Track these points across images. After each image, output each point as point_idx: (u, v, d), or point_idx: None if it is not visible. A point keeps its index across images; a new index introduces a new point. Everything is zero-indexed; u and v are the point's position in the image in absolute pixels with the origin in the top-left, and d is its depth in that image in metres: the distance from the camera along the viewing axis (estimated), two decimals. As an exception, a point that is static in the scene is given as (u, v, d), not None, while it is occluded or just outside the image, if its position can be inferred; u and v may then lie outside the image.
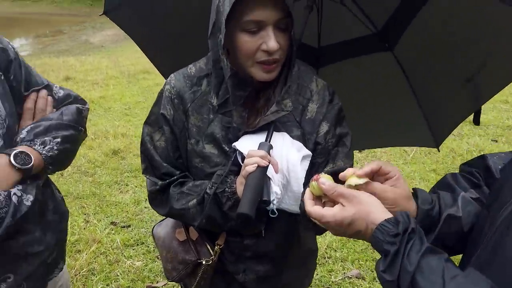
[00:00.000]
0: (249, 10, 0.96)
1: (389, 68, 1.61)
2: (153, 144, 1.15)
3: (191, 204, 1.11)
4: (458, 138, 4.37)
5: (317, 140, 1.13)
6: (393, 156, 4.00)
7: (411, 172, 3.66)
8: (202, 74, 1.15)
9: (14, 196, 0.98)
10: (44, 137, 1.08)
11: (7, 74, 1.09)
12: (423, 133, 1.66)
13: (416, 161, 3.88)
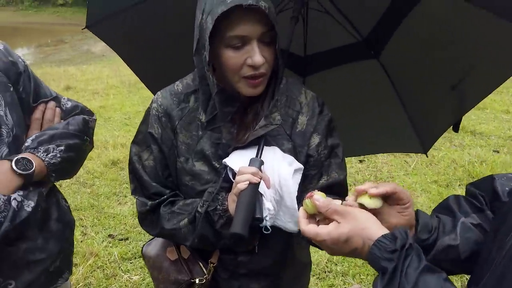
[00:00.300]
0: (232, 26, 0.95)
1: (375, 76, 1.61)
2: (142, 163, 1.13)
3: (182, 223, 1.09)
4: (460, 148, 4.31)
5: (308, 153, 1.12)
6: (394, 167, 3.94)
7: (412, 183, 3.61)
8: (190, 90, 1.13)
9: (14, 201, 0.98)
10: (48, 145, 1.10)
11: (17, 85, 1.12)
12: (411, 139, 1.67)
13: (418, 172, 3.83)
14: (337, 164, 1.14)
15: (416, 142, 1.66)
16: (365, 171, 3.89)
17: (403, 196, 0.86)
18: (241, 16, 0.94)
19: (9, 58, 1.13)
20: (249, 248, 1.14)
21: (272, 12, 0.96)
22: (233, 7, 0.91)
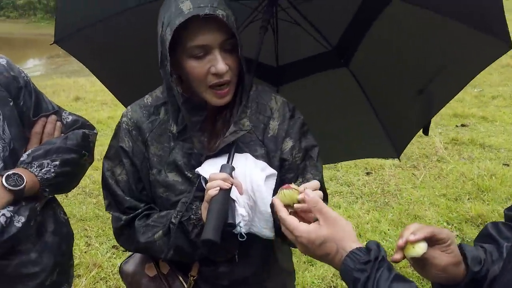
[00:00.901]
0: (192, 36, 0.96)
1: (346, 83, 1.65)
2: (115, 178, 1.11)
3: (157, 236, 1.07)
4: (469, 161, 4.15)
5: (282, 157, 1.13)
6: (401, 180, 3.85)
7: (420, 197, 3.52)
8: (159, 102, 1.13)
9: (2, 217, 0.99)
10: (43, 160, 1.10)
11: (17, 100, 1.13)
12: (384, 144, 1.71)
13: (426, 185, 3.72)
14: (312, 165, 1.15)
15: (389, 146, 1.70)
16: (372, 183, 3.80)
17: (442, 235, 0.84)
18: (200, 26, 0.94)
19: (11, 73, 1.14)
20: (229, 257, 1.13)
21: (231, 19, 0.97)
22: (191, 18, 0.92)
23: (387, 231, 3.01)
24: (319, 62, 1.66)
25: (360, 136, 1.77)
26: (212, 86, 1.01)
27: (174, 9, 0.94)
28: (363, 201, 3.47)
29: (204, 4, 0.93)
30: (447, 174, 3.90)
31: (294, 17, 1.54)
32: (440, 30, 1.34)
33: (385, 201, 3.47)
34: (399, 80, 1.56)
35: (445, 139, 4.63)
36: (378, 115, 1.66)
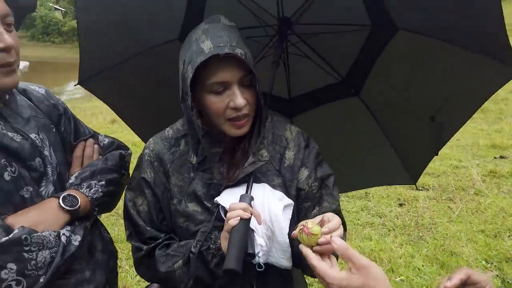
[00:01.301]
0: (213, 73, 1.01)
1: (358, 112, 1.69)
2: (136, 209, 1.15)
3: (176, 265, 1.09)
4: (509, 196, 3.95)
5: (298, 186, 1.15)
6: (436, 213, 3.69)
7: (456, 232, 3.34)
8: (180, 135, 1.18)
9: (63, 236, 1.02)
10: (90, 181, 1.15)
11: (58, 126, 1.20)
12: (399, 171, 1.71)
13: (462, 219, 3.55)
14: (328, 194, 1.17)
15: (404, 173, 1.71)
16: (405, 215, 3.67)
17: (479, 278, 0.85)
18: (219, 63, 1.00)
19: (51, 101, 1.21)
20: (247, 287, 1.13)
21: (249, 57, 1.02)
22: (211, 56, 0.97)
23: (421, 267, 2.87)
24: (330, 93, 1.71)
25: (375, 164, 1.78)
26: (230, 119, 1.06)
27: (195, 48, 1.00)
28: (396, 234, 3.34)
29: (223, 43, 0.98)
30: (485, 209, 3.70)
31: (304, 51, 1.61)
32: (446, 58, 1.38)
33: (419, 235, 3.33)
34: (410, 107, 1.58)
35: (483, 171, 4.46)
36: (392, 143, 1.67)
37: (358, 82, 1.65)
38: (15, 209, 1.01)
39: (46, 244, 0.97)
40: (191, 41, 1.04)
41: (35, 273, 0.94)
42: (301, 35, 1.57)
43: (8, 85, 1.00)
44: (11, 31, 0.99)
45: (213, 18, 1.08)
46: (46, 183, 1.09)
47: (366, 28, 1.51)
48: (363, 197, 3.98)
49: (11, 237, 0.91)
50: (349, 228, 3.46)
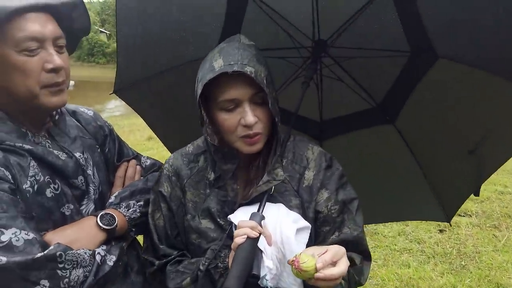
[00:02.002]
0: (223, 91, 1.01)
1: (392, 141, 1.61)
2: (154, 222, 1.15)
3: (185, 283, 1.06)
4: None
5: (316, 208, 1.10)
6: (480, 241, 3.52)
7: (503, 262, 3.17)
8: (199, 151, 1.18)
9: (98, 255, 1.01)
10: (129, 201, 1.16)
11: (103, 147, 1.24)
12: (432, 206, 1.61)
13: (509, 248, 3.36)
14: (350, 219, 1.10)
15: (438, 209, 1.60)
16: (446, 242, 3.50)
17: None
18: (229, 81, 0.99)
19: (98, 123, 1.26)
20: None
21: (260, 75, 1.00)
22: (222, 74, 0.97)
23: (465, 298, 2.71)
24: (364, 118, 1.65)
25: (407, 197, 1.69)
26: (242, 137, 1.04)
27: (208, 66, 1.01)
28: (436, 262, 3.16)
29: (234, 61, 0.98)
30: (533, 239, 3.47)
31: (338, 74, 1.57)
32: (489, 89, 1.30)
33: (462, 263, 3.14)
34: (447, 139, 1.50)
35: (530, 198, 4.20)
36: (426, 175, 1.58)
37: (394, 110, 1.59)
38: (55, 225, 1.02)
39: (81, 263, 0.96)
40: (206, 59, 1.05)
41: None
42: (336, 58, 1.53)
43: (56, 104, 1.03)
44: (62, 53, 1.03)
45: (233, 37, 1.08)
46: (88, 201, 1.11)
47: (404, 54, 1.45)
48: (400, 222, 3.81)
49: (46, 253, 0.91)
50: (386, 254, 3.33)
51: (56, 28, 1.02)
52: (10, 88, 0.99)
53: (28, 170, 1.00)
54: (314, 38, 1.47)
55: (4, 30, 0.95)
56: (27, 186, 0.98)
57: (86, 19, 1.12)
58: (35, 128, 1.06)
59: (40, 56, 0.98)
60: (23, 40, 0.96)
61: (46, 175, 1.02)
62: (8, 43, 0.95)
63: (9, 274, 0.87)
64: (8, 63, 0.96)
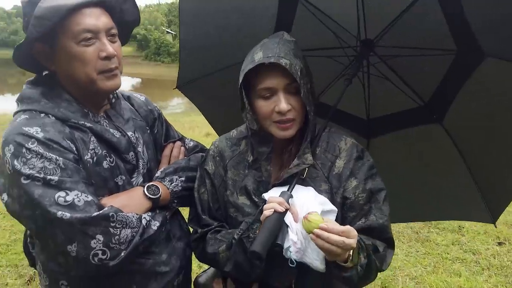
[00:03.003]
0: (260, 80, 1.13)
1: (439, 140, 1.61)
2: (199, 196, 1.31)
3: (221, 249, 1.20)
4: None
5: (344, 195, 1.18)
6: None
7: None
8: (242, 136, 1.32)
9: (143, 220, 1.16)
10: (172, 176, 1.31)
11: (152, 128, 1.41)
12: (478, 206, 1.58)
13: None
14: (377, 208, 1.17)
15: (484, 210, 1.57)
16: (504, 256, 3.34)
17: None
18: (267, 72, 1.11)
19: (148, 107, 1.43)
20: (286, 285, 1.19)
21: (295, 67, 1.10)
22: (261, 65, 1.09)
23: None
24: (411, 117, 1.67)
25: (452, 196, 1.67)
26: (276, 121, 1.15)
27: (250, 58, 1.15)
28: (490, 274, 3.02)
29: (272, 54, 1.10)
30: None
31: (384, 72, 1.61)
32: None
33: None
34: (496, 140, 1.47)
35: None
36: (473, 175, 1.56)
37: (441, 109, 1.59)
38: (110, 192, 1.20)
39: (129, 224, 1.12)
40: (250, 52, 1.18)
41: (117, 247, 1.09)
42: (382, 56, 1.58)
43: (111, 87, 1.18)
44: (115, 42, 1.18)
45: (276, 34, 1.20)
46: (137, 174, 1.27)
47: (451, 53, 1.46)
48: (456, 231, 3.70)
49: (101, 213, 1.07)
50: (436, 261, 3.24)
51: (109, 20, 1.16)
52: (73, 75, 1.15)
53: (89, 144, 1.17)
54: (360, 37, 1.53)
55: (64, 25, 1.10)
56: (88, 158, 1.16)
57: (135, 11, 1.27)
58: (95, 109, 1.24)
59: (96, 46, 1.13)
60: (80, 32, 1.10)
61: (103, 149, 1.19)
62: (68, 36, 1.11)
63: (72, 227, 1.04)
64: (70, 53, 1.12)
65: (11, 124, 1.14)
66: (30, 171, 1.05)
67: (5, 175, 1.11)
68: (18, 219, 1.13)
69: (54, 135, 1.10)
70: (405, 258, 3.32)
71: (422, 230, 3.77)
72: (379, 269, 1.14)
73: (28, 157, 1.06)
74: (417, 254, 3.37)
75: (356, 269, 1.06)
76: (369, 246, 1.11)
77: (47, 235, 1.08)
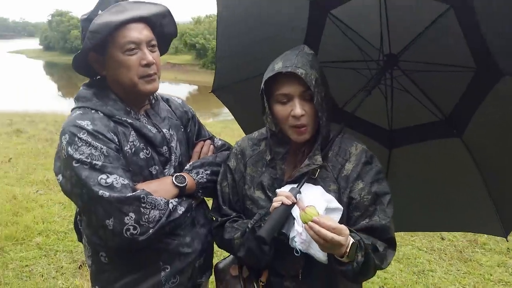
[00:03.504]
0: (279, 87, 1.26)
1: (458, 153, 1.67)
2: (221, 189, 1.46)
3: (236, 236, 1.34)
4: None
5: (351, 195, 1.29)
6: None
7: None
8: (262, 137, 1.46)
9: (170, 204, 1.33)
10: (199, 169, 1.47)
11: (186, 127, 1.58)
12: (492, 220, 1.62)
13: None
14: (381, 210, 1.26)
15: (497, 223, 1.60)
16: None
17: None
18: (285, 79, 1.24)
19: (184, 109, 1.60)
20: (293, 274, 1.31)
21: (310, 77, 1.22)
22: (280, 73, 1.23)
23: None
24: (432, 130, 1.73)
25: (467, 208, 1.71)
26: (292, 126, 1.28)
27: (271, 67, 1.29)
28: None
29: (289, 64, 1.23)
30: None
31: (406, 86, 1.69)
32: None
33: None
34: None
35: None
36: (489, 189, 1.60)
37: (461, 123, 1.65)
38: (144, 180, 1.37)
39: (157, 206, 1.29)
40: (272, 62, 1.31)
41: (146, 225, 1.26)
42: (404, 70, 1.66)
43: (150, 89, 1.36)
44: (154, 51, 1.36)
45: (298, 47, 1.33)
46: (169, 166, 1.44)
47: (471, 70, 1.53)
48: (503, 253, 3.58)
49: (134, 194, 1.25)
50: (477, 282, 3.18)
51: (149, 33, 1.34)
52: (119, 79, 1.34)
53: (129, 137, 1.35)
54: (383, 51, 1.63)
55: (113, 37, 1.29)
56: (127, 148, 1.34)
57: (173, 25, 1.45)
58: (136, 108, 1.42)
59: (138, 55, 1.31)
60: (126, 43, 1.29)
61: (141, 142, 1.37)
62: (116, 47, 1.30)
63: (110, 205, 1.22)
64: (117, 61, 1.32)
65: (68, 117, 1.35)
66: (80, 156, 1.24)
67: (61, 160, 1.31)
68: (69, 196, 1.33)
69: (101, 128, 1.29)
70: (443, 275, 3.29)
71: (466, 249, 3.71)
72: (378, 267, 1.23)
73: (79, 144, 1.25)
74: (458, 273, 3.33)
75: (352, 265, 1.16)
76: (369, 246, 1.20)
77: (91, 210, 1.26)
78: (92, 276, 1.47)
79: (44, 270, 3.20)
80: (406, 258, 3.54)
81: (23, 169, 5.86)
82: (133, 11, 1.32)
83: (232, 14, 1.73)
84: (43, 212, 4.27)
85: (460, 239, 3.88)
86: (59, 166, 1.34)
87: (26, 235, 3.73)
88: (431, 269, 3.37)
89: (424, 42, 1.55)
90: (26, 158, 6.49)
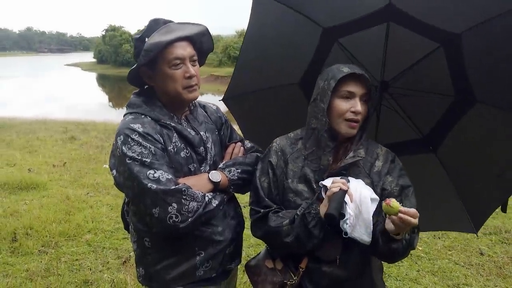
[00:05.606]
0: (345, 85, 1.48)
1: (432, 166, 1.98)
2: (260, 183, 1.58)
3: (284, 223, 1.47)
4: None
5: (383, 187, 1.51)
6: None
7: None
8: (298, 137, 1.63)
9: (206, 197, 1.49)
10: (231, 168, 1.63)
11: (220, 131, 1.75)
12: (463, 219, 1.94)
13: None
14: (407, 199, 1.50)
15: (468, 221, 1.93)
16: None
17: None
18: (352, 79, 1.47)
19: (218, 114, 1.78)
20: (332, 259, 1.48)
21: (370, 82, 1.47)
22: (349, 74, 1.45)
23: None
24: (411, 146, 2.02)
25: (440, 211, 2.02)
26: (348, 120, 1.48)
27: (337, 70, 1.49)
28: None
29: (357, 70, 1.47)
30: None
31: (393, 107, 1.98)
32: None
33: None
34: (480, 166, 1.85)
35: None
36: (459, 193, 1.92)
37: (437, 141, 1.96)
38: (184, 175, 1.54)
39: (195, 198, 1.45)
40: (331, 69, 1.51)
41: (186, 214, 1.42)
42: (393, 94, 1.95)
43: (192, 97, 1.55)
44: (195, 65, 1.55)
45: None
46: (205, 165, 1.61)
47: (450, 96, 1.83)
48: None
49: (177, 187, 1.42)
50: None
51: (192, 50, 1.53)
52: (166, 90, 1.53)
53: (172, 138, 1.53)
54: (378, 79, 1.88)
55: (162, 54, 1.47)
56: (170, 148, 1.51)
57: (211, 42, 1.63)
58: (178, 113, 1.60)
59: (182, 69, 1.50)
60: (172, 59, 1.48)
61: (182, 143, 1.55)
62: (165, 62, 1.48)
63: (157, 196, 1.39)
64: (164, 74, 1.50)
65: (122, 121, 1.53)
66: (132, 154, 1.42)
67: (116, 157, 1.50)
68: (122, 188, 1.47)
69: (150, 130, 1.47)
70: (479, 290, 3.23)
71: (507, 265, 3.62)
72: (411, 247, 1.44)
73: (132, 144, 1.43)
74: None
75: (401, 242, 1.37)
76: None
77: (140, 201, 1.44)
78: (137, 259, 1.64)
79: (92, 264, 3.52)
80: (441, 271, 3.52)
81: (75, 172, 6.38)
82: (179, 31, 1.50)
83: (257, 30, 1.90)
84: (93, 212, 4.68)
85: (501, 255, 3.80)
86: (113, 163, 1.51)
87: (77, 232, 4.12)
88: (466, 283, 3.34)
89: (413, 72, 1.83)
90: (79, 163, 7.07)
